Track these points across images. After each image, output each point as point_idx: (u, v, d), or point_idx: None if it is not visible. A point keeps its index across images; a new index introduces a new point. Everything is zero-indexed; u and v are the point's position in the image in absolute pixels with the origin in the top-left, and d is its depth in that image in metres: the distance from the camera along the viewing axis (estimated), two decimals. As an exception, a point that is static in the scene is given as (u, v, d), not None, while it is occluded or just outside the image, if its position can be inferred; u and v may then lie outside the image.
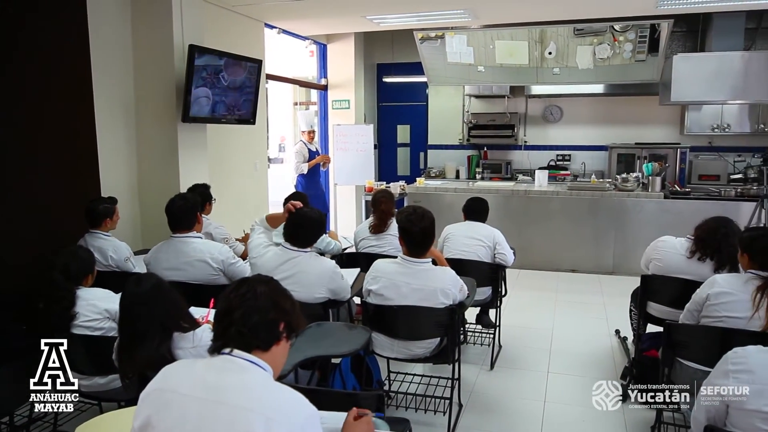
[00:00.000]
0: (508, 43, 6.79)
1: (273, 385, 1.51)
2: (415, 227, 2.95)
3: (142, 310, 2.20)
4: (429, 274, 3.00)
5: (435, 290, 2.95)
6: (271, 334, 1.56)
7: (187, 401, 1.46)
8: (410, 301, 2.96)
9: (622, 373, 3.76)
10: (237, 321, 1.53)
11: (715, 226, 3.29)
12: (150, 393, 1.53)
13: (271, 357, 1.56)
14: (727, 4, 5.74)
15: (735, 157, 7.64)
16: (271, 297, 1.58)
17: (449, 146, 8.89)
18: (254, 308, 1.54)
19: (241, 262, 3.41)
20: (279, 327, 1.58)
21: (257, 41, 6.36)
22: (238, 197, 6.03)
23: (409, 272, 2.99)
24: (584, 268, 6.61)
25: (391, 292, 2.99)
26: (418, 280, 2.97)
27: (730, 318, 2.65)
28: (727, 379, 1.72)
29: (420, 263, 3.00)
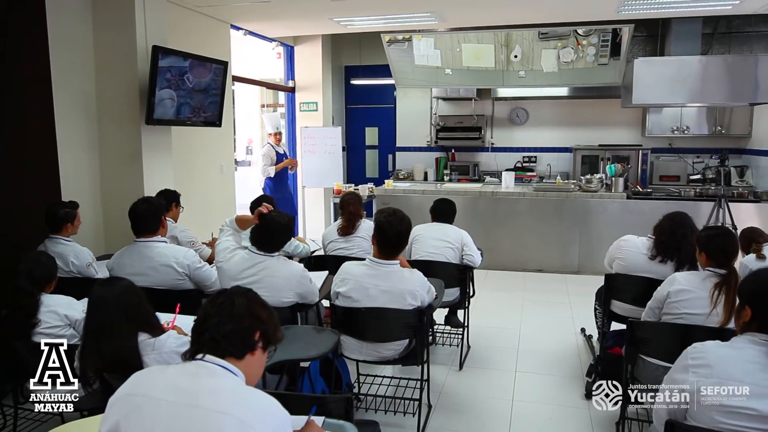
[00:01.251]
0: (474, 46, 6.87)
1: (245, 389, 1.51)
2: (392, 228, 2.96)
3: (111, 307, 2.17)
4: (397, 276, 3.00)
5: (403, 292, 2.96)
6: (245, 342, 1.56)
7: (159, 405, 1.44)
8: (378, 303, 2.96)
9: (587, 371, 3.83)
10: (211, 328, 1.54)
11: (674, 229, 3.38)
12: (119, 398, 1.51)
13: (245, 365, 1.56)
14: (684, 10, 5.91)
15: (694, 158, 7.87)
16: (248, 306, 1.59)
17: (417, 148, 8.94)
18: (229, 316, 1.55)
19: (208, 267, 3.36)
20: (254, 336, 1.58)
21: (223, 43, 6.29)
22: (204, 200, 5.95)
23: (377, 274, 2.99)
24: (550, 268, 6.71)
25: (359, 294, 2.99)
26: (386, 282, 2.97)
27: (689, 315, 2.72)
28: (686, 373, 1.77)
29: (388, 265, 3.00)
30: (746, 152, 7.80)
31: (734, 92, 6.34)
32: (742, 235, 3.80)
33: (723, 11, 6.05)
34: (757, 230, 3.81)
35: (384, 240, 2.99)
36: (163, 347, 2.17)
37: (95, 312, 2.22)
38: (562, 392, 3.73)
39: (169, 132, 5.02)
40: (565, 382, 3.86)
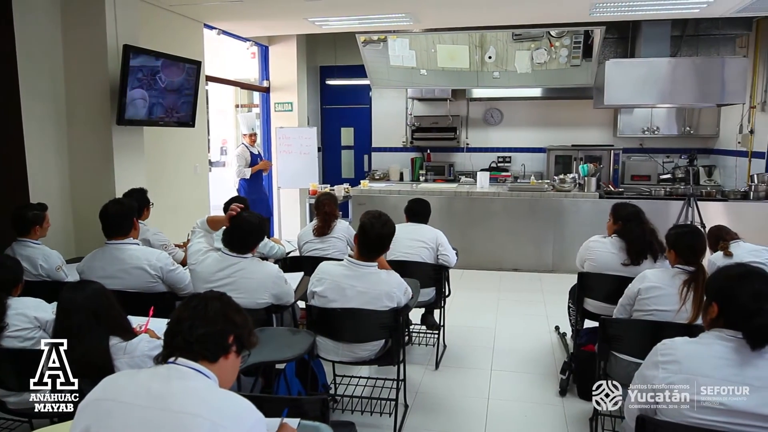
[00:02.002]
0: (449, 47, 6.91)
1: (219, 392, 1.50)
2: (373, 230, 2.96)
3: (81, 311, 2.13)
4: (374, 277, 3.00)
5: (380, 294, 2.96)
6: (218, 345, 1.56)
7: (130, 409, 1.43)
8: (354, 304, 2.96)
9: (561, 368, 3.87)
10: (184, 331, 1.53)
11: (641, 227, 3.45)
12: (89, 403, 1.49)
13: (218, 369, 1.55)
14: (653, 13, 6.02)
15: (664, 158, 8.03)
16: (222, 310, 1.59)
17: (393, 149, 8.95)
18: (202, 319, 1.55)
19: (181, 269, 3.32)
20: (228, 339, 1.57)
21: (196, 42, 6.22)
22: (177, 202, 5.88)
23: (354, 275, 2.99)
24: (525, 267, 6.78)
25: (336, 294, 2.98)
26: (363, 284, 2.97)
27: (659, 311, 2.77)
28: (656, 370, 1.80)
29: (366, 266, 3.00)
30: (714, 152, 7.99)
31: (702, 93, 6.49)
32: (709, 233, 3.88)
33: (690, 14, 6.18)
34: (723, 228, 3.90)
35: (364, 241, 2.99)
36: (134, 351, 2.14)
37: (65, 317, 2.18)
38: (537, 390, 3.77)
39: (141, 132, 4.95)
40: (540, 380, 3.91)
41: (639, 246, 3.47)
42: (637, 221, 3.50)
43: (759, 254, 3.53)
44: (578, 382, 3.67)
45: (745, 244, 3.68)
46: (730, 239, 3.72)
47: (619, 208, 3.67)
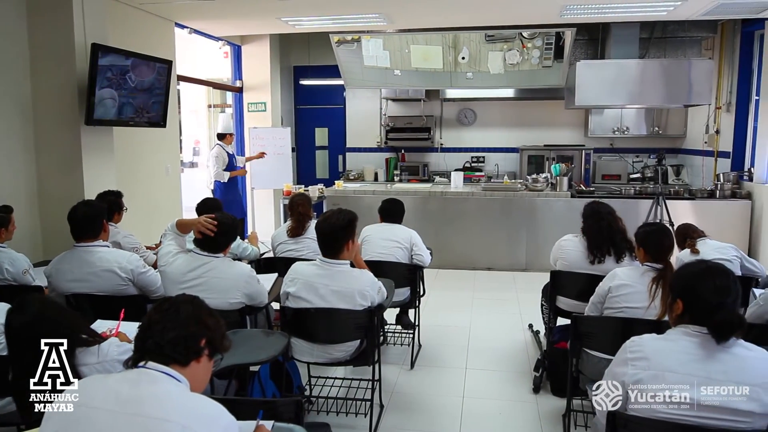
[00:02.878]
0: (423, 48, 6.93)
1: (189, 395, 1.49)
2: (324, 225, 2.96)
3: (30, 334, 1.98)
4: (347, 275, 3.00)
5: (353, 292, 2.95)
6: (190, 348, 1.54)
7: (99, 415, 1.41)
8: (328, 303, 2.95)
9: (535, 366, 3.92)
10: (155, 334, 1.52)
11: (599, 224, 3.52)
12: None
13: (190, 373, 1.53)
14: (622, 15, 6.14)
15: (634, 157, 8.18)
16: (194, 313, 1.58)
17: (367, 149, 8.95)
18: (174, 322, 1.53)
19: (152, 272, 3.26)
20: (199, 343, 1.56)
21: (167, 41, 6.14)
22: (149, 203, 5.79)
23: (326, 274, 2.98)
24: (499, 266, 6.84)
25: (309, 294, 2.97)
26: (336, 282, 2.96)
27: (629, 308, 2.83)
28: (626, 366, 1.83)
29: (337, 265, 2.99)
30: (681, 152, 8.17)
31: (670, 94, 6.62)
32: (677, 231, 3.97)
33: (658, 17, 6.31)
34: (691, 226, 3.99)
35: (320, 238, 3.00)
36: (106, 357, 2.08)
37: (15, 344, 2.03)
38: (511, 387, 3.81)
39: (110, 133, 4.87)
40: (514, 378, 3.95)
41: (595, 242, 3.54)
42: (594, 218, 3.57)
43: (724, 251, 3.62)
44: (551, 379, 3.72)
45: (711, 242, 3.77)
46: (697, 237, 3.81)
47: (584, 207, 3.73)
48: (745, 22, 6.75)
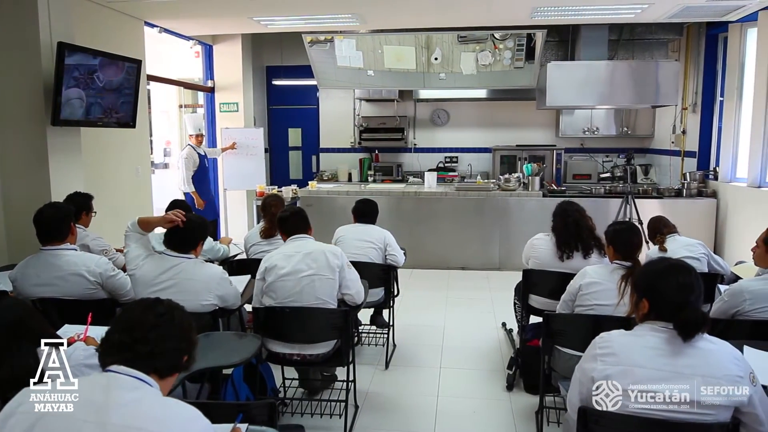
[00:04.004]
0: (396, 48, 6.95)
1: (163, 401, 1.45)
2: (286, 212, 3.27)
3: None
4: (315, 243, 3.22)
5: (323, 253, 3.09)
6: (175, 363, 1.52)
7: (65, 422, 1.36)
8: (302, 264, 3.06)
9: (508, 364, 3.95)
10: (152, 341, 1.46)
11: (565, 222, 3.59)
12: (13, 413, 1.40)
13: (164, 385, 1.51)
14: (591, 17, 6.24)
15: (604, 157, 8.31)
16: (186, 326, 1.55)
17: (341, 149, 8.93)
18: (171, 333, 1.50)
19: (122, 274, 3.21)
20: (183, 359, 1.53)
21: (136, 40, 6.04)
22: (118, 205, 5.69)
23: (297, 244, 3.18)
24: (473, 265, 6.89)
25: (283, 262, 3.08)
26: (307, 247, 3.14)
27: (599, 306, 2.87)
28: (595, 362, 1.87)
29: (305, 237, 3.22)
30: (650, 151, 8.33)
31: (638, 95, 6.75)
32: (649, 224, 4.00)
33: (626, 19, 6.43)
34: (662, 220, 3.99)
35: (286, 228, 3.25)
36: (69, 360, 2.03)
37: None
38: (485, 385, 3.85)
39: (78, 133, 4.77)
40: (488, 376, 3.98)
41: (563, 239, 3.61)
42: (562, 216, 3.65)
43: (692, 249, 3.69)
44: (524, 377, 3.76)
45: (680, 238, 3.82)
46: (668, 232, 3.84)
47: (555, 207, 3.78)
48: (709, 25, 6.92)
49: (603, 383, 1.80)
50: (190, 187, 6.62)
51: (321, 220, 6.37)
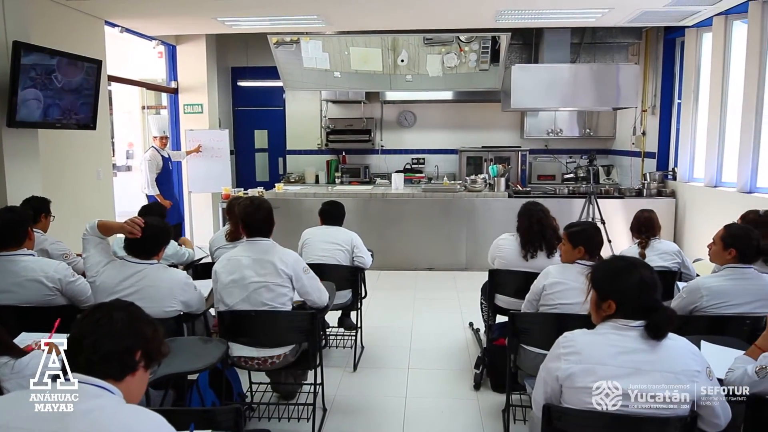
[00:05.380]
0: (362, 50, 6.95)
1: (124, 408, 1.41)
2: (255, 216, 3.07)
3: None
4: (269, 247, 3.09)
5: (273, 261, 3.02)
6: (125, 363, 1.46)
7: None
8: (250, 271, 2.99)
9: (475, 363, 3.99)
10: (87, 349, 1.42)
11: (529, 222, 3.65)
12: None
13: (125, 387, 1.46)
14: (553, 20, 6.35)
15: (567, 158, 8.46)
16: (130, 323, 1.48)
17: (308, 151, 8.89)
18: (108, 335, 1.44)
19: (82, 280, 3.12)
20: (135, 356, 1.47)
21: (96, 40, 5.90)
22: (79, 209, 5.54)
23: (249, 248, 3.08)
24: (440, 266, 6.94)
25: (233, 267, 3.03)
26: (258, 253, 3.04)
27: (563, 305, 2.92)
28: (559, 362, 1.90)
29: (261, 240, 3.10)
30: (611, 153, 8.52)
31: (599, 97, 6.89)
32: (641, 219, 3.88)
33: (587, 23, 6.58)
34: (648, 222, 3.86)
35: (250, 228, 3.10)
36: (24, 370, 1.97)
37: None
38: (452, 385, 3.87)
39: (35, 135, 4.64)
40: (456, 376, 4.01)
41: (527, 238, 3.67)
42: (526, 215, 3.70)
43: (668, 259, 3.73)
44: (491, 376, 3.80)
45: (659, 245, 3.81)
46: (653, 236, 3.82)
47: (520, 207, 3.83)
48: (667, 29, 7.13)
49: (603, 383, 1.81)
50: (154, 189, 6.51)
51: (288, 223, 6.32)
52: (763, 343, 2.20)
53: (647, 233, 3.84)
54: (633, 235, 3.96)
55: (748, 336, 2.69)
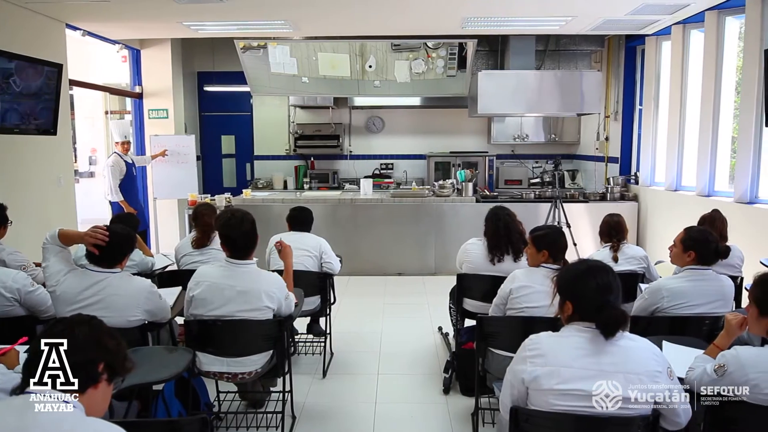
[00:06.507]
0: (330, 56, 6.95)
1: (85, 422, 1.39)
2: (235, 232, 2.93)
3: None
4: (254, 276, 2.96)
5: (258, 292, 2.91)
6: (87, 376, 1.44)
7: None
8: (233, 305, 2.88)
9: (444, 367, 4.01)
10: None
11: (496, 226, 3.69)
12: None
13: (86, 400, 1.43)
14: (518, 28, 6.46)
15: (533, 163, 8.60)
16: (91, 335, 1.48)
17: (276, 157, 8.84)
18: (69, 348, 1.43)
19: (42, 290, 3.03)
20: (97, 368, 1.46)
21: (57, 43, 5.76)
22: (39, 217, 5.40)
23: (232, 274, 2.93)
24: (409, 271, 6.96)
25: (214, 296, 2.90)
26: (242, 282, 2.91)
27: (529, 308, 2.96)
28: (524, 364, 1.92)
29: (244, 264, 2.96)
30: (576, 157, 8.69)
31: (564, 103, 7.02)
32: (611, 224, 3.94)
33: (551, 31, 6.70)
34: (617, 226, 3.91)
35: (232, 245, 2.96)
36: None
37: None
38: (422, 390, 3.88)
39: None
40: (425, 380, 4.02)
41: (494, 242, 3.70)
42: (493, 220, 3.74)
43: (634, 263, 3.82)
44: (460, 380, 3.82)
45: (627, 249, 3.89)
46: (622, 238, 3.91)
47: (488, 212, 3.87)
48: (628, 38, 7.31)
49: (603, 383, 1.84)
50: (118, 196, 6.38)
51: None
52: (721, 342, 2.27)
53: (617, 237, 3.92)
54: (602, 239, 4.03)
55: (708, 335, 2.77)
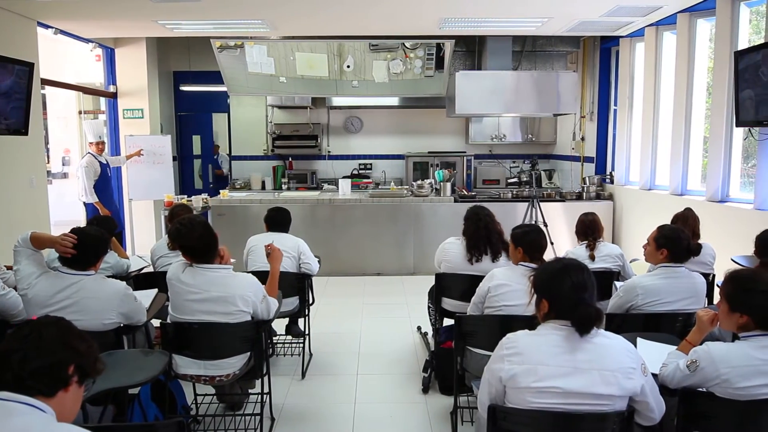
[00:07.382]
0: (308, 55, 6.92)
1: (53, 427, 1.36)
2: (189, 240, 2.86)
3: None
4: (227, 280, 2.89)
5: (234, 299, 2.86)
6: (56, 378, 1.41)
7: None
8: (210, 319, 2.83)
9: (423, 366, 4.02)
10: (15, 364, 1.37)
11: (476, 226, 3.71)
12: None
13: (56, 403, 1.40)
14: (494, 28, 6.50)
15: (511, 163, 8.67)
16: (60, 338, 1.44)
17: (254, 157, 8.78)
18: (37, 350, 1.40)
19: (13, 293, 2.96)
20: (67, 370, 1.43)
21: (28, 41, 5.65)
22: (10, 218, 5.29)
23: (204, 281, 2.85)
24: (388, 271, 6.96)
25: (192, 304, 2.84)
26: (216, 288, 2.85)
27: (507, 306, 2.98)
28: (502, 363, 1.94)
29: (214, 269, 2.89)
30: (553, 157, 8.78)
31: (540, 104, 7.08)
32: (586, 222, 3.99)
33: (528, 31, 6.76)
34: (593, 225, 3.97)
35: (192, 252, 2.89)
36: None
37: None
38: (401, 390, 3.89)
39: (-39, 141, 4.41)
40: (404, 380, 4.03)
41: (473, 242, 3.73)
42: (473, 220, 3.76)
43: (610, 261, 3.87)
44: (439, 379, 3.84)
45: (603, 247, 3.94)
46: (599, 236, 3.96)
47: (467, 211, 3.89)
48: (603, 39, 7.41)
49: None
50: (93, 197, 6.28)
51: (233, 230, 6.24)
52: (694, 338, 2.32)
53: (593, 235, 3.97)
54: (578, 238, 4.08)
55: (681, 332, 2.82)
